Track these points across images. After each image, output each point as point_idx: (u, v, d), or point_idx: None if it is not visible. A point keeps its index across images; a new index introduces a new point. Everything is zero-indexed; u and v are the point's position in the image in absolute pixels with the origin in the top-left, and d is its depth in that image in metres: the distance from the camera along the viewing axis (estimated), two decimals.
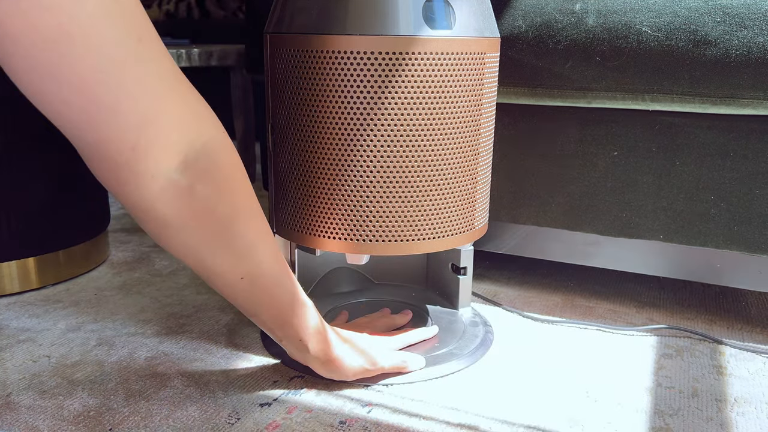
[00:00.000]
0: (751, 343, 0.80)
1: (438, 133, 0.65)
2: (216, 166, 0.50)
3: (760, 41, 0.72)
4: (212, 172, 0.50)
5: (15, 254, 0.92)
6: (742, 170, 0.78)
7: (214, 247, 0.53)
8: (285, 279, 0.60)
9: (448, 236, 0.69)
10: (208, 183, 0.49)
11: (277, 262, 0.59)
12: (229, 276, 0.56)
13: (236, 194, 0.53)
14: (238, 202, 0.53)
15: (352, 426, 0.62)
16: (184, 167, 0.47)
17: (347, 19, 0.61)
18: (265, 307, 0.61)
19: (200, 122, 0.48)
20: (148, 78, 0.44)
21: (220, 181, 0.51)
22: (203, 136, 0.48)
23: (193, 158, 0.48)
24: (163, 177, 0.46)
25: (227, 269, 0.56)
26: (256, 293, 0.59)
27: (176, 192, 0.48)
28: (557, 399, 0.67)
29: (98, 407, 0.65)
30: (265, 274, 0.58)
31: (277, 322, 0.62)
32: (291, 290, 0.61)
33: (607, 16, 0.79)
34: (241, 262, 0.56)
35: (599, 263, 0.94)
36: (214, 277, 0.56)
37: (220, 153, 0.50)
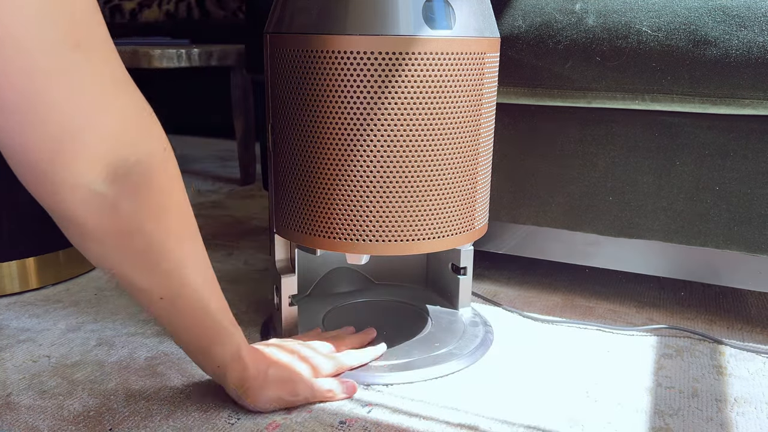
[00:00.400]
0: (751, 343, 0.80)
1: (438, 133, 0.65)
2: (148, 183, 0.48)
3: (760, 41, 0.72)
4: (143, 190, 0.48)
5: (15, 254, 0.92)
6: (742, 170, 0.78)
7: (137, 265, 0.52)
8: (209, 304, 0.58)
9: (448, 236, 0.69)
10: (136, 200, 0.48)
11: (204, 287, 0.57)
12: (148, 294, 0.55)
13: (168, 214, 0.51)
14: (168, 222, 0.51)
15: (352, 426, 0.62)
16: (111, 181, 0.46)
17: (347, 19, 0.61)
18: (183, 330, 0.59)
19: (139, 136, 0.47)
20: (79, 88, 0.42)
21: (151, 199, 0.49)
22: (139, 151, 0.47)
23: (123, 173, 0.46)
24: (85, 188, 0.45)
25: (147, 287, 0.54)
26: (175, 315, 0.57)
27: (99, 205, 0.46)
28: (557, 399, 0.67)
29: (98, 407, 0.65)
30: (187, 298, 0.56)
31: (195, 347, 0.61)
32: (214, 316, 0.59)
33: (607, 16, 0.79)
34: (163, 283, 0.54)
35: (599, 263, 0.94)
36: (134, 291, 0.55)
37: (156, 170, 0.49)
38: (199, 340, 0.60)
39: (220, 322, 0.60)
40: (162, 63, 1.44)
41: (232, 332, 0.61)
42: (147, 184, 0.48)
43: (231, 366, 0.62)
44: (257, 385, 0.62)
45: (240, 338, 0.62)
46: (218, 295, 0.60)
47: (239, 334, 0.62)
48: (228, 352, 0.61)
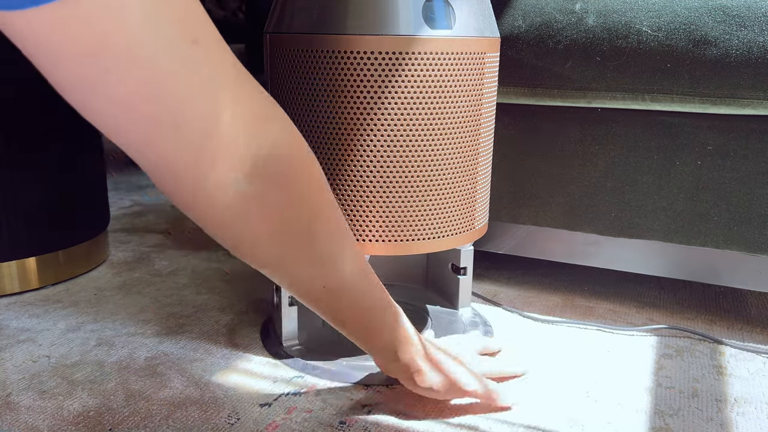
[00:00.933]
0: (751, 343, 0.80)
1: (438, 133, 0.65)
2: (288, 168, 0.45)
3: (760, 41, 0.72)
4: (284, 176, 0.45)
5: (15, 254, 0.92)
6: (742, 170, 0.78)
7: (295, 257, 0.50)
8: (371, 286, 0.57)
9: (448, 236, 0.69)
10: (282, 189, 0.45)
11: (360, 268, 0.56)
12: (310, 285, 0.53)
13: (314, 196, 0.48)
14: (314, 208, 0.49)
15: (352, 426, 0.62)
16: (254, 175, 0.43)
17: (347, 19, 0.61)
18: (349, 316, 0.58)
19: (267, 124, 0.44)
20: (206, 85, 0.39)
21: (295, 184, 0.46)
22: (270, 138, 0.44)
23: (261, 164, 0.43)
24: (232, 189, 0.42)
25: (308, 278, 0.52)
26: (340, 302, 0.56)
27: (247, 203, 0.44)
28: (557, 399, 0.67)
29: (98, 407, 0.65)
30: (348, 282, 0.55)
31: (364, 332, 0.60)
32: (378, 297, 0.58)
33: (607, 16, 0.79)
34: (323, 270, 0.52)
35: (599, 263, 0.94)
36: (296, 285, 0.53)
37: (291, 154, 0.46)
38: (367, 325, 0.59)
39: (384, 301, 0.59)
40: None
41: (396, 312, 0.60)
42: (287, 170, 0.45)
43: (403, 346, 0.60)
44: (427, 367, 0.61)
45: (405, 318, 0.61)
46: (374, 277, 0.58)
47: (403, 313, 0.61)
48: (398, 332, 0.60)
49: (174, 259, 1.09)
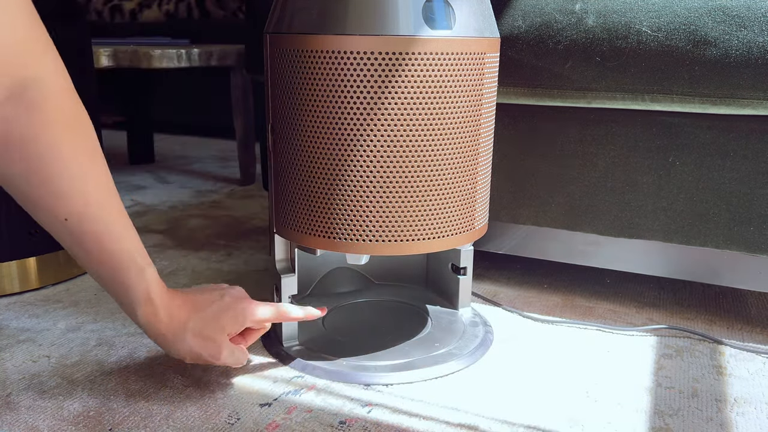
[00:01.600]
0: (751, 343, 0.80)
1: (438, 133, 0.65)
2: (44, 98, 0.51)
3: (760, 41, 0.72)
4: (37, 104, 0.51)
5: (15, 254, 0.92)
6: (742, 170, 0.78)
7: (34, 178, 0.53)
8: (117, 231, 0.57)
9: (448, 236, 0.69)
10: (31, 113, 0.51)
11: (109, 210, 0.57)
12: (52, 214, 0.55)
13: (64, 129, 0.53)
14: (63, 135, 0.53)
15: (352, 426, 0.62)
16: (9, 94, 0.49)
17: (347, 19, 0.62)
18: (93, 257, 0.58)
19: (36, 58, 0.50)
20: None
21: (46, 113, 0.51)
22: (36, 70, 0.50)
23: (20, 90, 0.50)
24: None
25: (50, 205, 0.54)
26: (82, 239, 0.57)
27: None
28: (557, 399, 0.67)
29: (98, 407, 0.65)
30: (91, 220, 0.56)
31: (107, 278, 0.59)
32: (123, 244, 0.58)
33: (607, 16, 0.79)
34: (64, 200, 0.54)
35: (599, 263, 0.94)
36: (38, 213, 0.55)
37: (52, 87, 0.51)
38: (108, 270, 0.58)
39: (129, 252, 0.59)
40: (162, 63, 1.44)
41: (143, 268, 0.60)
42: (42, 99, 0.51)
43: (141, 306, 0.60)
44: (171, 336, 0.61)
45: (152, 277, 0.60)
46: (127, 225, 0.59)
47: (152, 272, 0.60)
48: (139, 288, 0.60)
49: (174, 259, 1.09)
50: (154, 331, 0.62)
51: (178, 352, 0.63)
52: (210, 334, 0.63)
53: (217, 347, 0.63)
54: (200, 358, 0.63)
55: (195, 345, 0.62)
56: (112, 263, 0.58)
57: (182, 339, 0.62)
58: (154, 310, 0.61)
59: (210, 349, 0.63)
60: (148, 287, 0.60)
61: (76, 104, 0.54)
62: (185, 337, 0.62)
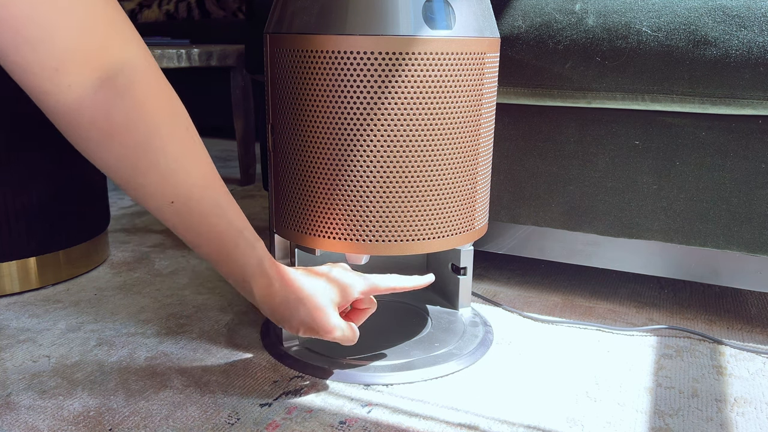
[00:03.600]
0: (751, 343, 0.80)
1: (438, 133, 0.65)
2: (133, 85, 0.52)
3: (760, 41, 0.72)
4: (129, 91, 0.51)
5: (15, 254, 0.92)
6: (742, 170, 0.78)
7: (138, 165, 0.53)
8: (223, 208, 0.58)
9: (448, 236, 0.69)
10: (124, 100, 0.51)
11: (212, 188, 0.57)
12: (158, 198, 0.55)
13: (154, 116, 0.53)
14: (156, 123, 0.53)
15: (352, 426, 0.62)
16: (102, 82, 0.50)
17: (347, 19, 0.62)
18: (203, 237, 0.58)
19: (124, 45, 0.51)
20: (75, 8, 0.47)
21: (137, 100, 0.52)
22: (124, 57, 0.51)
23: (111, 76, 0.50)
24: (80, 88, 0.49)
25: (155, 190, 0.55)
26: (191, 220, 0.57)
27: (94, 104, 0.50)
28: (557, 399, 0.67)
29: (98, 407, 0.65)
30: (198, 199, 0.57)
31: (218, 256, 0.60)
32: (231, 220, 0.59)
33: (607, 16, 0.79)
34: (169, 183, 0.55)
35: (599, 263, 0.94)
36: (145, 198, 0.56)
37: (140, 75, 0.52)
38: (219, 246, 0.59)
39: (237, 227, 0.59)
40: (162, 63, 1.44)
41: (253, 242, 0.61)
42: (134, 84, 0.52)
43: (256, 280, 0.61)
44: (285, 309, 0.63)
45: (263, 251, 0.62)
46: (232, 201, 0.60)
47: (262, 246, 0.62)
48: (251, 262, 0.61)
49: (174, 259, 1.09)
50: (270, 304, 0.63)
51: (292, 324, 0.64)
52: (321, 305, 0.64)
53: (328, 319, 0.64)
54: (313, 330, 0.64)
55: (307, 317, 0.64)
56: (223, 241, 0.59)
57: (296, 310, 0.63)
58: (269, 281, 0.62)
59: (321, 321, 0.64)
60: (260, 260, 0.61)
61: (166, 86, 0.55)
62: (299, 308, 0.63)
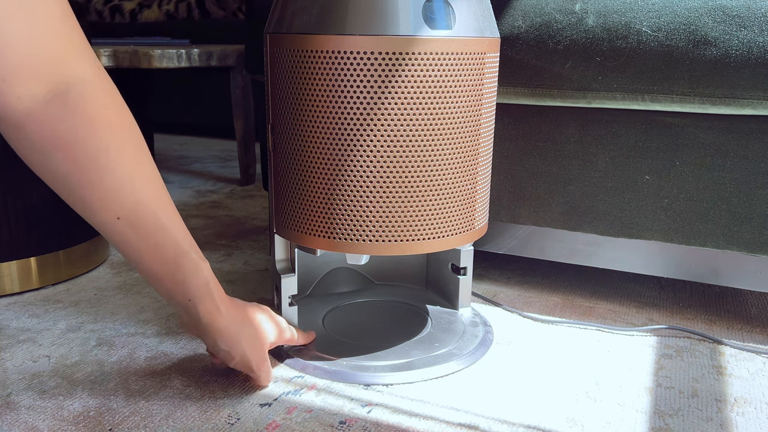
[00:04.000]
0: (751, 343, 0.80)
1: (438, 133, 0.65)
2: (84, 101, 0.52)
3: (760, 41, 0.72)
4: (81, 105, 0.52)
5: (15, 254, 0.92)
6: (742, 170, 0.78)
7: (83, 180, 0.53)
8: (170, 227, 0.58)
9: (448, 236, 0.69)
10: (75, 114, 0.52)
11: (160, 207, 0.57)
12: (103, 214, 0.55)
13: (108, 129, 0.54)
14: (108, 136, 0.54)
15: (352, 426, 0.62)
16: (53, 96, 0.50)
17: (347, 19, 0.62)
18: (147, 255, 0.58)
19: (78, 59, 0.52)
20: (32, 22, 0.48)
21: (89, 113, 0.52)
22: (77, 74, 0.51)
23: (62, 91, 0.51)
24: (30, 100, 0.49)
25: (100, 206, 0.55)
26: (136, 237, 0.57)
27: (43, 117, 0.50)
28: (557, 399, 0.67)
29: (98, 407, 0.65)
30: (144, 217, 0.56)
31: (161, 275, 0.59)
32: (177, 240, 0.58)
33: (607, 16, 0.79)
34: (114, 200, 0.55)
35: (599, 263, 0.94)
36: (91, 212, 0.55)
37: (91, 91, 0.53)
38: (163, 265, 0.59)
39: (182, 247, 0.59)
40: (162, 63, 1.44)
41: (198, 263, 0.60)
42: (85, 100, 0.52)
43: (203, 301, 0.60)
44: (228, 334, 0.62)
45: (209, 273, 0.61)
46: (178, 220, 0.59)
47: (208, 268, 0.61)
48: (197, 282, 0.60)
49: None
50: (215, 327, 0.62)
51: (230, 351, 0.63)
52: (260, 344, 0.65)
53: (263, 358, 0.66)
54: (245, 362, 0.64)
55: (248, 349, 0.64)
56: (167, 260, 0.59)
57: (237, 340, 0.63)
58: (216, 305, 0.61)
59: (257, 359, 0.65)
60: (207, 281, 0.61)
61: (119, 104, 0.55)
62: (240, 338, 0.63)
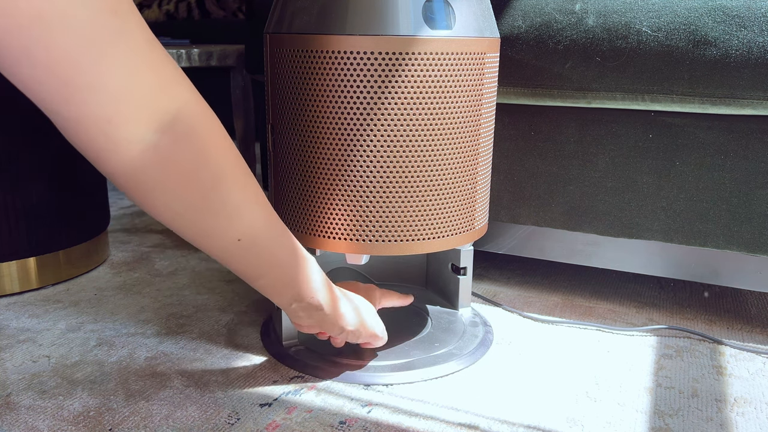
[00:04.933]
0: (751, 343, 0.80)
1: (438, 133, 0.65)
2: (193, 129, 0.51)
3: (760, 41, 0.72)
4: (190, 136, 0.51)
5: (15, 254, 0.92)
6: (742, 170, 0.78)
7: (202, 210, 0.54)
8: (283, 237, 0.60)
9: (448, 236, 0.69)
10: (187, 146, 0.51)
11: (271, 221, 0.59)
12: (223, 239, 0.56)
13: (218, 157, 0.54)
14: (220, 164, 0.54)
15: (352, 426, 0.62)
16: (162, 132, 0.48)
17: (347, 19, 0.61)
18: (267, 267, 0.60)
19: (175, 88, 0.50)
20: (123, 52, 0.44)
21: (200, 144, 0.52)
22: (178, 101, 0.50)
23: (169, 123, 0.49)
24: (141, 142, 0.47)
25: (220, 232, 0.55)
26: (257, 254, 0.58)
27: (156, 156, 0.49)
28: (557, 399, 0.67)
29: (98, 407, 0.65)
30: (262, 234, 0.58)
31: (283, 283, 0.61)
32: (291, 247, 0.61)
33: (607, 16, 0.79)
34: (234, 224, 0.55)
35: (599, 263, 0.94)
36: (209, 240, 0.56)
37: (197, 117, 0.52)
38: (285, 274, 0.61)
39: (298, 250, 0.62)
40: None
41: (311, 259, 0.64)
42: (192, 131, 0.51)
43: (323, 292, 0.64)
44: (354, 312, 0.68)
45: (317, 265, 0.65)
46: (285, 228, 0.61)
47: (313, 260, 0.65)
48: (315, 278, 0.63)
49: (174, 259, 1.09)
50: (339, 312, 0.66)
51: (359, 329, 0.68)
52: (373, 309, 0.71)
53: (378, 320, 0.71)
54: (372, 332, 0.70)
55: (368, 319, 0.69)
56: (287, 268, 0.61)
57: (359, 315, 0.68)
58: (333, 292, 0.65)
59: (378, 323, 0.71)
60: (321, 273, 0.64)
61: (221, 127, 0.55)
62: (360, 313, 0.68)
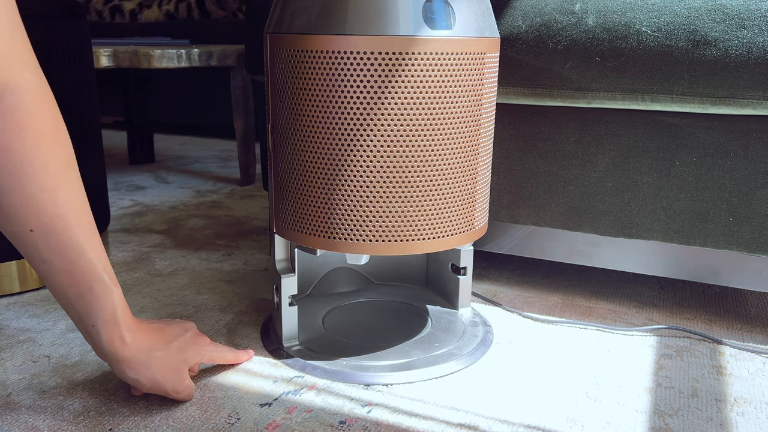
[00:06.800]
0: (751, 343, 0.80)
1: (438, 133, 0.65)
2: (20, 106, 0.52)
3: (760, 41, 0.72)
4: (14, 111, 0.52)
5: (15, 254, 0.92)
6: (742, 170, 0.78)
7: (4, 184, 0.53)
8: (85, 247, 0.56)
9: (448, 236, 0.69)
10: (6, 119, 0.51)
11: (78, 225, 0.56)
12: (17, 223, 0.54)
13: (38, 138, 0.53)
14: (37, 145, 0.53)
15: (352, 426, 0.62)
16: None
17: (347, 19, 0.62)
18: (57, 272, 0.56)
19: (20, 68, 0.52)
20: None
21: (21, 121, 0.52)
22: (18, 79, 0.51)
23: None
24: None
25: (16, 214, 0.54)
26: (48, 253, 0.55)
27: None
28: (557, 399, 0.68)
29: (98, 407, 0.65)
30: (59, 233, 0.55)
31: (70, 295, 0.57)
32: (90, 260, 0.57)
33: (607, 16, 0.79)
34: (32, 210, 0.54)
35: (599, 263, 0.94)
36: (5, 221, 0.54)
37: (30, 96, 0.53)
38: (72, 288, 0.57)
39: (96, 269, 0.57)
40: (162, 63, 1.44)
41: (110, 288, 0.58)
42: (19, 107, 0.52)
43: (105, 326, 0.58)
44: (134, 361, 0.60)
45: (119, 298, 0.59)
46: (97, 242, 0.58)
47: (119, 293, 0.59)
48: (105, 307, 0.58)
49: (174, 260, 1.09)
50: (117, 355, 0.60)
51: (138, 378, 0.61)
52: (176, 366, 0.64)
53: (181, 380, 0.64)
54: (159, 387, 0.63)
55: (159, 374, 0.62)
56: (78, 280, 0.57)
57: (147, 366, 0.61)
58: (120, 333, 0.59)
59: (173, 382, 0.63)
60: (114, 308, 0.59)
61: (53, 115, 0.55)
62: (150, 364, 0.61)
